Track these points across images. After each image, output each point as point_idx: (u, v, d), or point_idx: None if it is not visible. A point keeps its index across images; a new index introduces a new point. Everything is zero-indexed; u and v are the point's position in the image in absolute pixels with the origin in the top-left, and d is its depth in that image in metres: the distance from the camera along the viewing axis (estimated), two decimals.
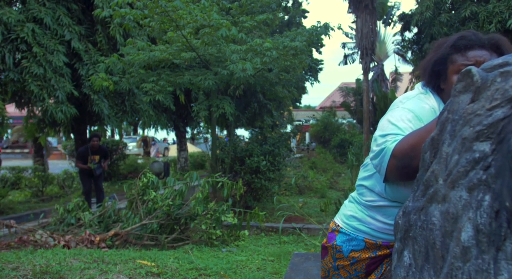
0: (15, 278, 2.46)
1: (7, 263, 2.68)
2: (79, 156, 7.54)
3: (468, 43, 1.35)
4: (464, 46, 1.35)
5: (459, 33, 1.42)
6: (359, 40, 10.54)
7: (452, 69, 1.38)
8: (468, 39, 1.36)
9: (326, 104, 23.24)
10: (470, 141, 0.96)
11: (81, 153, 7.54)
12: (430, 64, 1.44)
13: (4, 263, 2.67)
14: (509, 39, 5.20)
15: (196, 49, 6.50)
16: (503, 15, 8.80)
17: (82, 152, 7.54)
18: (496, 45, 1.37)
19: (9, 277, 2.45)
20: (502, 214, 0.89)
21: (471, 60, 1.34)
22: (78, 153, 7.64)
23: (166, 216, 4.76)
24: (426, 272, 1.05)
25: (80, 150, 7.69)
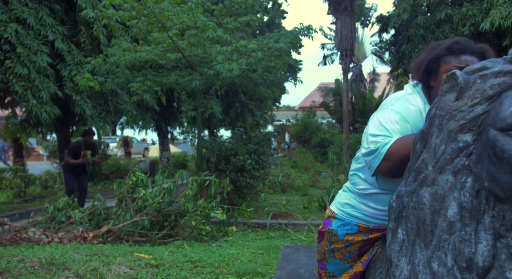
0: (24, 269, 2.54)
1: (11, 256, 2.75)
2: (71, 151, 7.37)
3: (462, 48, 1.54)
4: (458, 50, 1.54)
5: (454, 38, 1.58)
6: (338, 42, 10.82)
7: (445, 69, 1.56)
8: (462, 45, 1.54)
9: (306, 104, 23.58)
10: (455, 133, 1.14)
11: (74, 147, 7.40)
12: (425, 62, 1.59)
13: (9, 256, 2.74)
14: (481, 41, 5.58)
15: (181, 50, 6.59)
16: (476, 18, 9.20)
17: (74, 147, 7.40)
18: (484, 54, 1.56)
19: (17, 268, 2.53)
20: (481, 193, 1.08)
21: (463, 63, 1.52)
22: (70, 148, 7.46)
23: (157, 213, 4.86)
24: (417, 245, 1.23)
25: (73, 144, 7.56)
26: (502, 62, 1.13)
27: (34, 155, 22.74)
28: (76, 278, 2.54)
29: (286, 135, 21.09)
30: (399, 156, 1.48)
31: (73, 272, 2.61)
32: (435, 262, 1.16)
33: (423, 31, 9.85)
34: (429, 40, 9.91)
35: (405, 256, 1.27)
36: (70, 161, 7.29)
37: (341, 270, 1.89)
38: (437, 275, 1.15)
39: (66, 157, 7.30)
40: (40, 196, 9.88)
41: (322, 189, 9.62)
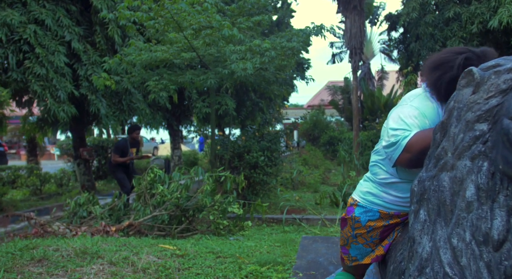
0: (60, 257, 2.72)
1: (46, 246, 2.93)
2: (118, 149, 7.07)
3: (472, 63, 1.63)
4: (468, 65, 1.63)
5: (462, 53, 1.65)
6: (348, 40, 10.93)
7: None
8: (471, 59, 1.63)
9: (314, 103, 23.67)
10: (472, 123, 1.28)
11: (121, 146, 7.10)
12: (444, 84, 1.65)
13: (44, 246, 2.92)
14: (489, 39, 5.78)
15: (196, 50, 6.76)
16: (484, 16, 9.26)
17: (121, 145, 7.11)
18: (487, 56, 1.68)
19: (54, 256, 2.71)
20: (496, 175, 1.22)
21: None
22: (117, 147, 7.15)
23: (176, 208, 5.02)
24: (438, 224, 1.37)
25: (120, 143, 7.25)
26: None
27: (46, 154, 23.09)
28: (110, 265, 2.71)
29: (295, 133, 21.22)
30: (418, 147, 1.61)
31: (106, 260, 2.78)
32: (455, 238, 1.30)
33: (432, 29, 9.93)
34: (437, 38, 10.00)
35: (427, 234, 1.41)
36: (118, 160, 6.97)
37: (363, 254, 2.03)
38: (457, 249, 1.29)
39: (113, 156, 7.01)
40: (56, 194, 10.12)
41: (333, 186, 9.75)
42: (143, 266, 2.74)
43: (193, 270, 2.84)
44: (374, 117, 15.44)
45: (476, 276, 1.24)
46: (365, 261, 2.04)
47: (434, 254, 1.37)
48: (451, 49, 1.74)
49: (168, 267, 2.80)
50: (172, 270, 2.75)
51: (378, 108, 15.65)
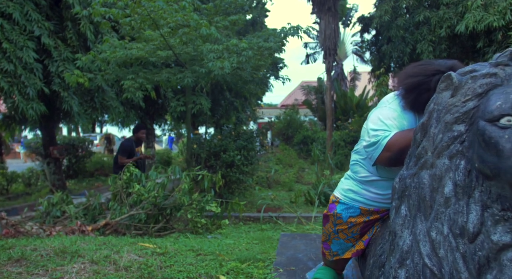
0: (39, 257, 2.68)
1: (23, 246, 2.88)
2: (125, 151, 6.84)
3: None
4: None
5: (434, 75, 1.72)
6: (322, 41, 11.11)
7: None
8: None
9: (288, 102, 23.89)
10: (451, 124, 1.38)
11: (127, 147, 6.87)
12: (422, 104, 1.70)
13: (21, 246, 2.87)
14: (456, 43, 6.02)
15: (173, 48, 6.72)
16: (452, 21, 9.61)
17: (128, 146, 6.87)
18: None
19: (33, 256, 2.67)
20: (472, 173, 1.32)
21: None
22: (124, 148, 6.89)
23: (153, 207, 5.00)
24: (418, 218, 1.47)
25: (126, 144, 6.97)
26: (488, 66, 1.37)
27: (11, 153, 22.28)
28: (91, 263, 2.69)
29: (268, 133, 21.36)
30: (397, 147, 1.71)
31: (87, 259, 2.75)
32: (434, 231, 1.40)
33: (403, 32, 10.23)
34: (408, 41, 10.31)
35: (407, 228, 1.50)
36: (125, 161, 6.66)
37: (344, 249, 2.12)
38: (435, 241, 1.39)
39: (120, 158, 6.75)
40: (24, 194, 9.81)
41: (307, 184, 9.90)
42: (125, 264, 2.73)
43: (175, 267, 2.86)
44: (347, 117, 15.76)
45: (452, 266, 1.34)
46: (346, 255, 2.13)
47: (414, 247, 1.46)
48: (424, 69, 1.79)
49: (150, 265, 2.81)
50: (154, 268, 2.76)
51: (351, 109, 15.97)
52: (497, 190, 1.25)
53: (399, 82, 1.89)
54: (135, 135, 6.96)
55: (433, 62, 1.82)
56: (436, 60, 1.84)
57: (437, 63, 1.79)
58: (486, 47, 9.16)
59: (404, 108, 1.83)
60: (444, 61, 1.81)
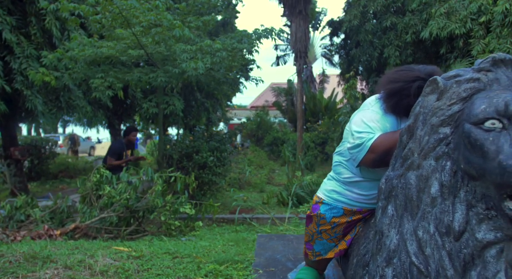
0: (8, 263, 2.55)
1: None
2: (114, 152, 6.66)
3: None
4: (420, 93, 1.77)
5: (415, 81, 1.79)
6: (293, 44, 11.24)
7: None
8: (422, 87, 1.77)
9: (257, 104, 23.98)
10: (437, 126, 1.43)
11: (118, 149, 6.71)
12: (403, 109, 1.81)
13: None
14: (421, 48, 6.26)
15: (145, 47, 6.61)
16: (417, 27, 9.97)
17: (118, 148, 6.72)
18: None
19: (0, 262, 2.54)
20: (458, 173, 1.37)
21: None
22: (114, 150, 6.72)
23: (125, 209, 4.89)
24: (405, 218, 1.51)
25: (116, 146, 6.81)
26: (471, 71, 1.43)
27: None
28: (65, 269, 2.60)
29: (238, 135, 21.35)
30: (381, 148, 1.75)
31: (60, 264, 2.65)
32: (420, 230, 1.44)
33: (371, 37, 10.51)
34: (376, 45, 10.60)
35: (394, 227, 1.54)
36: (115, 163, 6.54)
37: (327, 249, 2.15)
38: (422, 240, 1.43)
39: (108, 159, 6.57)
40: None
41: (278, 186, 9.97)
42: (101, 269, 2.65)
43: (153, 271, 2.81)
44: (316, 119, 15.97)
45: (439, 264, 1.39)
46: (328, 255, 2.16)
47: (401, 246, 1.50)
48: (404, 75, 1.84)
49: (127, 268, 2.75)
50: (132, 272, 2.70)
51: (320, 111, 16.20)
52: (482, 189, 1.30)
53: (381, 87, 1.94)
54: (126, 138, 6.81)
55: (413, 68, 1.88)
56: (416, 66, 1.90)
57: (417, 69, 1.85)
58: (449, 53, 9.56)
59: (386, 111, 1.88)
60: (423, 67, 1.87)
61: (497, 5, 8.33)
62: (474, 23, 8.53)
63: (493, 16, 8.27)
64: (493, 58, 1.39)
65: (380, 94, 1.95)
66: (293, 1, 10.98)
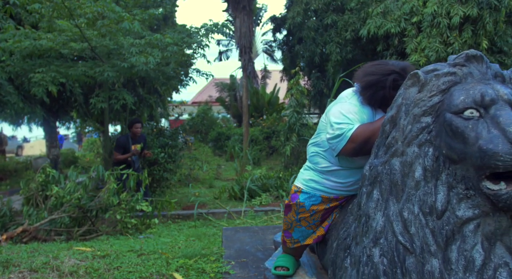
0: None
1: None
2: (119, 146, 6.27)
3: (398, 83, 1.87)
4: (396, 85, 1.90)
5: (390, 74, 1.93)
6: (238, 39, 11.28)
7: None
8: (397, 80, 1.91)
9: (199, 99, 23.75)
10: (419, 116, 1.57)
11: (122, 142, 6.28)
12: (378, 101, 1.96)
13: None
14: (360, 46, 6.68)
15: (89, 40, 6.32)
16: (355, 25, 10.47)
17: (122, 142, 6.28)
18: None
19: None
20: (440, 158, 1.52)
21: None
22: (118, 144, 6.31)
23: (77, 209, 4.68)
24: (390, 201, 1.64)
25: (120, 139, 6.39)
26: (447, 66, 1.59)
27: None
28: (30, 272, 2.45)
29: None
30: (361, 138, 1.88)
31: (24, 267, 2.50)
32: (405, 212, 1.58)
33: (313, 34, 10.86)
34: (318, 42, 10.97)
35: (380, 210, 1.67)
36: (118, 157, 6.20)
37: (305, 236, 2.25)
38: (407, 220, 1.57)
39: (114, 154, 6.27)
40: None
41: (226, 181, 10.01)
42: (69, 269, 2.55)
43: (124, 269, 2.75)
44: (260, 114, 16.19)
45: (423, 241, 1.53)
46: (307, 242, 2.26)
47: (387, 227, 1.63)
48: (380, 69, 1.98)
49: (97, 268, 2.66)
50: (103, 271, 2.62)
51: (263, 106, 16.44)
52: (462, 172, 1.46)
53: (357, 79, 2.07)
54: (130, 130, 6.41)
55: (388, 62, 2.02)
56: (390, 61, 2.05)
57: (391, 63, 2.00)
58: (385, 50, 10.14)
59: (362, 103, 2.01)
60: (397, 62, 2.03)
61: (427, 7, 9.00)
62: (407, 23, 9.13)
63: (424, 17, 8.92)
64: (467, 54, 1.55)
65: (356, 87, 2.08)
66: None
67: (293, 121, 8.81)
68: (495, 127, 1.36)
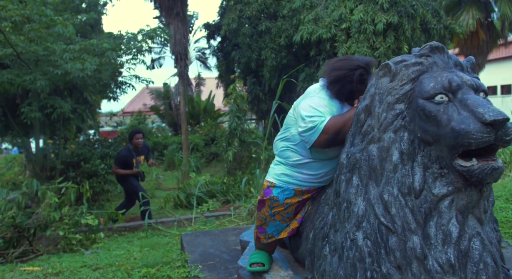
0: None
1: None
2: (120, 161, 5.89)
3: (364, 77, 2.02)
4: (362, 79, 2.02)
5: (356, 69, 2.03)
6: (173, 46, 11.12)
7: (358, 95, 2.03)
8: (363, 74, 2.02)
9: (129, 109, 22.93)
10: (393, 104, 1.67)
11: (124, 157, 5.90)
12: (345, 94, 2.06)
13: None
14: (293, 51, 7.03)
15: (14, 46, 5.86)
16: (289, 32, 10.82)
17: (124, 156, 5.90)
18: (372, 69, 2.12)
19: None
20: (415, 141, 1.63)
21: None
22: (120, 158, 5.93)
23: (13, 229, 4.28)
24: (370, 185, 1.72)
25: (122, 153, 5.96)
26: (414, 57, 1.71)
27: None
28: None
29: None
30: (334, 129, 1.95)
31: None
32: (386, 194, 1.67)
33: (249, 40, 11.02)
34: (254, 48, 11.16)
35: (360, 196, 1.75)
36: (119, 172, 5.89)
37: (279, 230, 2.28)
38: (388, 202, 1.66)
39: (113, 167, 5.93)
40: None
41: (168, 190, 9.75)
42: None
43: None
44: (196, 121, 16.00)
45: (403, 220, 1.63)
46: (281, 235, 2.29)
47: (369, 210, 1.71)
48: (347, 64, 2.07)
49: None
50: None
51: (199, 113, 16.29)
52: (436, 152, 1.58)
53: (325, 74, 2.15)
54: (131, 142, 6.05)
55: (353, 58, 2.13)
56: (354, 56, 2.16)
57: (356, 59, 2.11)
58: (317, 55, 10.57)
59: (331, 97, 2.09)
60: (361, 57, 2.14)
61: (354, 14, 9.58)
62: (337, 29, 9.63)
63: (351, 23, 9.47)
64: (431, 46, 1.69)
65: (323, 82, 2.15)
66: (170, 3, 10.86)
67: (234, 126, 8.85)
68: (464, 110, 1.50)
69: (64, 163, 6.44)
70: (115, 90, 7.36)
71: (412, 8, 9.37)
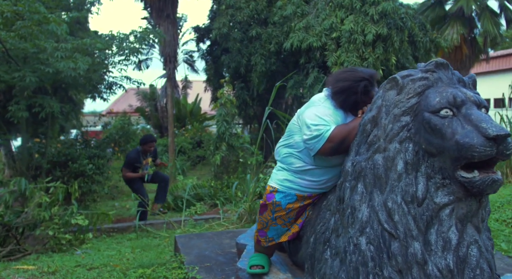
0: None
1: None
2: (129, 163, 6.05)
3: (368, 89, 2.12)
4: (366, 91, 2.11)
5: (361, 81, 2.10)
6: (162, 48, 11.11)
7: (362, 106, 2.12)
8: (367, 86, 2.10)
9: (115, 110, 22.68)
10: (399, 116, 1.76)
11: (132, 159, 6.06)
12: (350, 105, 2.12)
13: None
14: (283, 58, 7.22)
15: (3, 42, 5.78)
16: (279, 38, 10.94)
17: (133, 158, 6.05)
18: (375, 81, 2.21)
19: None
20: (419, 152, 1.72)
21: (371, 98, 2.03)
22: (128, 160, 6.08)
23: (1, 227, 4.22)
24: (375, 193, 1.80)
25: (131, 155, 6.12)
26: (420, 72, 1.81)
27: None
28: None
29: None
30: (338, 138, 2.03)
31: None
32: (389, 202, 1.75)
33: (239, 45, 11.09)
34: (244, 53, 11.23)
35: (365, 202, 1.82)
36: (129, 175, 6.09)
37: (280, 234, 2.34)
38: (391, 210, 1.74)
39: (123, 170, 6.10)
40: None
41: (153, 192, 9.68)
42: None
43: None
44: (182, 124, 15.94)
45: (406, 227, 1.71)
46: (282, 239, 2.35)
47: (373, 216, 1.78)
48: (352, 75, 2.15)
49: None
50: None
51: (185, 116, 16.23)
52: (439, 164, 1.67)
53: (329, 85, 2.23)
54: (142, 147, 6.24)
55: (357, 69, 2.21)
56: (359, 68, 2.24)
57: (361, 71, 2.19)
58: (307, 63, 10.72)
59: (335, 107, 2.17)
60: (366, 69, 2.23)
61: (344, 24, 9.76)
62: (328, 38, 9.79)
63: (342, 33, 9.65)
64: (436, 62, 1.78)
65: (327, 92, 2.23)
66: (160, 5, 10.87)
67: (223, 130, 8.88)
68: (468, 124, 1.59)
69: (51, 162, 6.35)
70: (105, 91, 7.32)
71: (401, 21, 9.60)
